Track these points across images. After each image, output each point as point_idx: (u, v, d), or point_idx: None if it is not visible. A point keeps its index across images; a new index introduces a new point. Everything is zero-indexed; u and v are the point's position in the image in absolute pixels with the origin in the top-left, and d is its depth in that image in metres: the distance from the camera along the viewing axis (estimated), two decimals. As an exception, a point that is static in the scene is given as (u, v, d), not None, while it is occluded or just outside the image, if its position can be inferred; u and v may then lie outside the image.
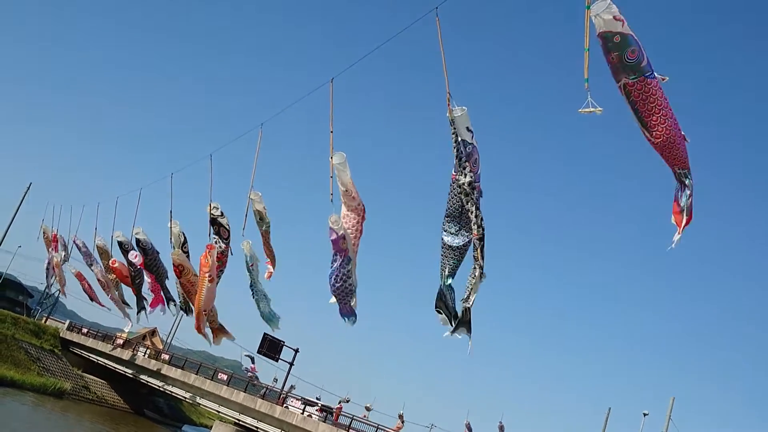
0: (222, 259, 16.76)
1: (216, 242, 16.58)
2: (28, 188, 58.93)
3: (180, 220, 19.66)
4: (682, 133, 7.68)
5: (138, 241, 21.66)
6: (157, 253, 21.81)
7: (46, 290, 73.21)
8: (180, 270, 18.36)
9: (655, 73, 7.52)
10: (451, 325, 10.00)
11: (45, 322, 61.78)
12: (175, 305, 21.75)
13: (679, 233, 7.86)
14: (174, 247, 19.07)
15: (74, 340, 55.03)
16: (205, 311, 16.67)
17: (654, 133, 7.43)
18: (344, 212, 11.57)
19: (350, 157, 11.27)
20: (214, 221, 16.80)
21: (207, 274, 15.70)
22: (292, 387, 41.81)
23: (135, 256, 22.42)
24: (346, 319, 12.68)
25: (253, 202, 14.68)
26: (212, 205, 16.74)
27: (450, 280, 9.97)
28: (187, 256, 19.05)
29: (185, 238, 19.31)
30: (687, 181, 7.82)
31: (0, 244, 59.56)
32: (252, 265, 16.20)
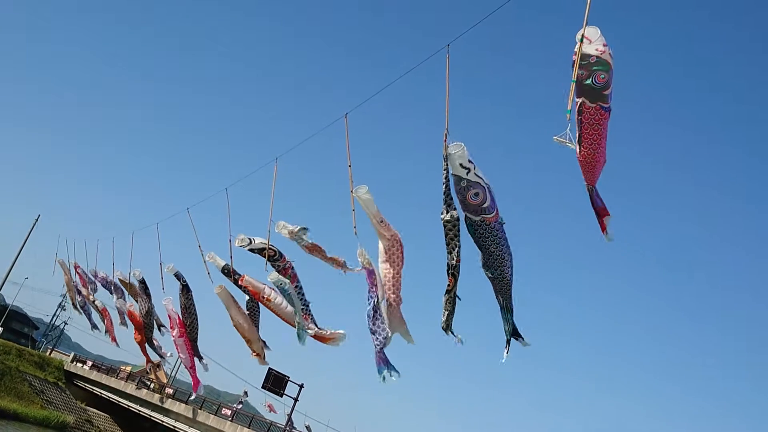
0: (287, 273, 14.74)
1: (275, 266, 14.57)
2: (37, 220, 59.25)
3: (197, 254, 17.42)
4: (605, 157, 8.32)
5: (177, 276, 18.89)
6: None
7: (53, 322, 73.00)
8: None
9: (611, 107, 7.95)
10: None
11: (49, 354, 61.49)
12: (204, 364, 19.99)
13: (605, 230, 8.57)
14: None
15: (78, 373, 54.67)
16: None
17: (582, 151, 8.06)
18: (381, 243, 10.88)
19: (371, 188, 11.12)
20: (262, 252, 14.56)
21: (265, 296, 14.88)
22: (307, 427, 41.82)
23: (169, 302, 19.41)
24: (382, 372, 10.94)
25: (280, 232, 13.57)
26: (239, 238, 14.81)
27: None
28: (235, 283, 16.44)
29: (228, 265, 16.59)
30: (593, 191, 8.56)
31: (7, 277, 59.69)
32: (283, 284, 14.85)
